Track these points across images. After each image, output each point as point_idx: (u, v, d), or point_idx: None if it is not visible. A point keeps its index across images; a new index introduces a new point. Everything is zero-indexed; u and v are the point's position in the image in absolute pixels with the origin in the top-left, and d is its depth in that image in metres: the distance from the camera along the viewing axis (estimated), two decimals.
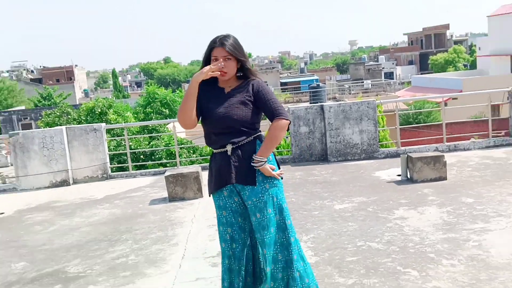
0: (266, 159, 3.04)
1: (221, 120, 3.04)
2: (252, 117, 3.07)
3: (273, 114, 3.04)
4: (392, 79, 57.86)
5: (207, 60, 3.08)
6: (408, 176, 6.98)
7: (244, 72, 3.14)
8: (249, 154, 3.06)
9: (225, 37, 3.06)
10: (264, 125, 3.27)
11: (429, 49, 74.44)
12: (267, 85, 3.31)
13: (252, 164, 3.03)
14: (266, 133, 3.08)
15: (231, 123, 3.03)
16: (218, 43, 3.03)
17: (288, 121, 3.04)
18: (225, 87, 3.13)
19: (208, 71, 2.97)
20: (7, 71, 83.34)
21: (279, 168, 3.18)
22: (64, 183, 8.84)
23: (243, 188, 3.08)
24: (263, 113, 3.15)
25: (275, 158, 3.19)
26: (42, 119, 19.30)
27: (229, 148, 3.05)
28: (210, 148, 3.21)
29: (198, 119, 3.15)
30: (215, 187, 3.14)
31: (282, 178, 3.17)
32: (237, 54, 3.05)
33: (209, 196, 3.26)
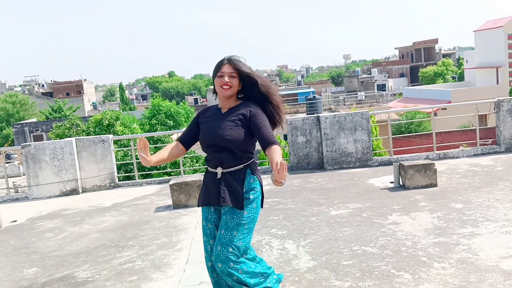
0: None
1: (212, 137, 3.00)
2: (244, 138, 2.98)
3: (267, 142, 2.93)
4: (384, 90, 57.96)
5: (215, 76, 3.08)
6: (401, 183, 6.97)
7: (247, 92, 3.09)
8: (238, 181, 3.01)
9: (234, 56, 3.08)
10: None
11: (419, 62, 74.69)
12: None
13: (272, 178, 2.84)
14: (272, 154, 2.89)
15: (222, 142, 2.97)
16: (226, 60, 3.05)
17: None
18: (223, 108, 3.11)
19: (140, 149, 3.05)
20: (20, 86, 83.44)
21: (263, 196, 3.11)
22: (73, 191, 8.82)
23: (225, 207, 3.05)
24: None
25: (261, 185, 3.11)
26: (53, 131, 19.32)
27: (219, 171, 3.02)
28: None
29: (189, 146, 3.21)
30: (203, 203, 3.14)
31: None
32: (242, 72, 3.02)
33: (198, 206, 3.27)
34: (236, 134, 2.96)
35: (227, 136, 2.96)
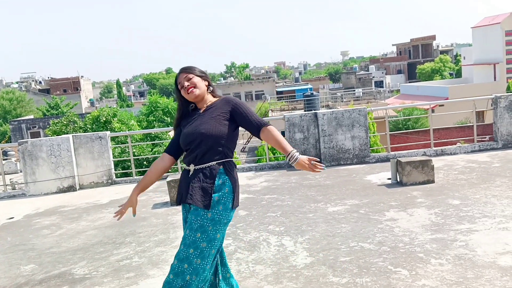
0: (295, 150, 2.87)
1: (190, 135, 2.92)
2: (222, 131, 2.89)
3: (259, 125, 2.93)
4: (382, 87, 57.99)
5: (180, 94, 3.08)
6: (398, 179, 6.98)
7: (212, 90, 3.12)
8: (208, 180, 2.87)
9: (183, 66, 3.13)
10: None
11: (417, 59, 74.70)
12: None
13: (289, 162, 2.85)
14: (269, 136, 2.90)
15: (199, 137, 2.88)
16: (178, 73, 3.08)
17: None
18: (201, 109, 3.05)
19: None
20: (17, 82, 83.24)
21: (234, 196, 2.91)
22: (70, 188, 8.81)
23: (193, 206, 2.92)
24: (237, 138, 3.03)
25: (233, 186, 2.92)
26: (50, 127, 19.29)
27: (191, 168, 2.92)
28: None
29: (177, 155, 3.12)
30: (177, 201, 3.08)
31: (324, 169, 2.87)
32: (196, 71, 3.06)
33: (177, 204, 3.14)
34: (214, 128, 2.88)
35: (203, 130, 2.87)
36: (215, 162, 2.89)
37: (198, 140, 2.88)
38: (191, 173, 2.92)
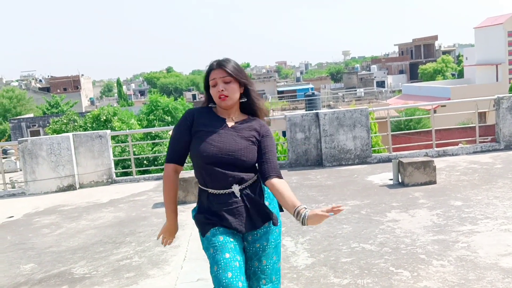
0: (304, 206, 2.39)
1: (223, 156, 2.45)
2: (256, 158, 2.53)
3: (273, 170, 2.47)
4: (384, 87, 57.93)
5: (207, 85, 2.58)
6: (400, 180, 6.97)
7: (248, 98, 2.60)
8: (259, 195, 2.53)
9: (224, 59, 2.57)
10: None
11: (419, 59, 74.63)
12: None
13: (297, 219, 2.34)
14: (279, 189, 2.45)
15: (237, 162, 2.46)
16: (215, 65, 2.54)
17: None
18: (227, 118, 2.56)
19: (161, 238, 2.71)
20: (17, 81, 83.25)
21: (281, 211, 2.63)
22: (70, 187, 8.81)
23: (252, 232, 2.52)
24: None
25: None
26: (50, 126, 19.31)
27: (235, 189, 2.47)
28: (203, 187, 2.55)
29: (183, 162, 2.64)
30: (227, 225, 2.47)
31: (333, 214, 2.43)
32: (238, 75, 2.52)
33: (205, 235, 2.51)
34: (252, 156, 2.50)
35: (244, 158, 2.47)
36: (255, 175, 2.55)
37: (236, 164, 2.47)
38: (237, 194, 2.47)
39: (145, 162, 14.60)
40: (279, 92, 49.72)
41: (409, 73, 72.88)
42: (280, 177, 2.47)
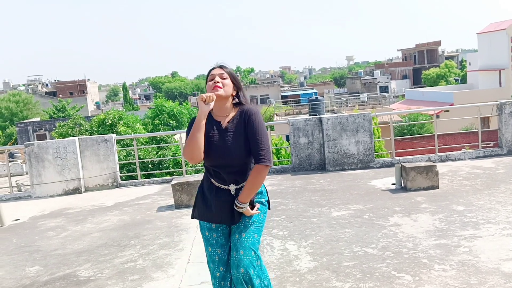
0: (247, 204, 2.81)
1: (220, 157, 2.80)
2: (249, 152, 2.81)
3: (257, 155, 2.75)
4: (387, 92, 57.90)
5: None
6: (402, 184, 6.96)
7: (239, 100, 2.91)
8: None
9: (224, 63, 2.94)
10: None
11: (422, 64, 74.57)
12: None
13: (235, 207, 2.81)
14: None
15: (230, 161, 2.80)
16: (216, 65, 2.92)
17: (269, 167, 2.78)
18: (221, 120, 2.87)
19: (207, 96, 2.74)
20: (23, 85, 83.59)
21: (268, 199, 3.03)
22: (76, 191, 8.84)
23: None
24: None
25: (266, 189, 3.02)
26: (56, 130, 19.38)
27: (232, 188, 2.85)
28: (210, 177, 2.93)
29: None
30: (215, 221, 2.90)
31: (265, 210, 2.97)
32: (234, 76, 2.90)
33: (192, 218, 3.03)
34: (242, 150, 2.79)
35: (234, 155, 2.79)
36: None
37: (231, 163, 2.81)
38: (233, 193, 2.85)
39: (150, 166, 14.63)
40: (283, 97, 49.76)
41: (413, 78, 72.77)
42: (261, 161, 2.74)
